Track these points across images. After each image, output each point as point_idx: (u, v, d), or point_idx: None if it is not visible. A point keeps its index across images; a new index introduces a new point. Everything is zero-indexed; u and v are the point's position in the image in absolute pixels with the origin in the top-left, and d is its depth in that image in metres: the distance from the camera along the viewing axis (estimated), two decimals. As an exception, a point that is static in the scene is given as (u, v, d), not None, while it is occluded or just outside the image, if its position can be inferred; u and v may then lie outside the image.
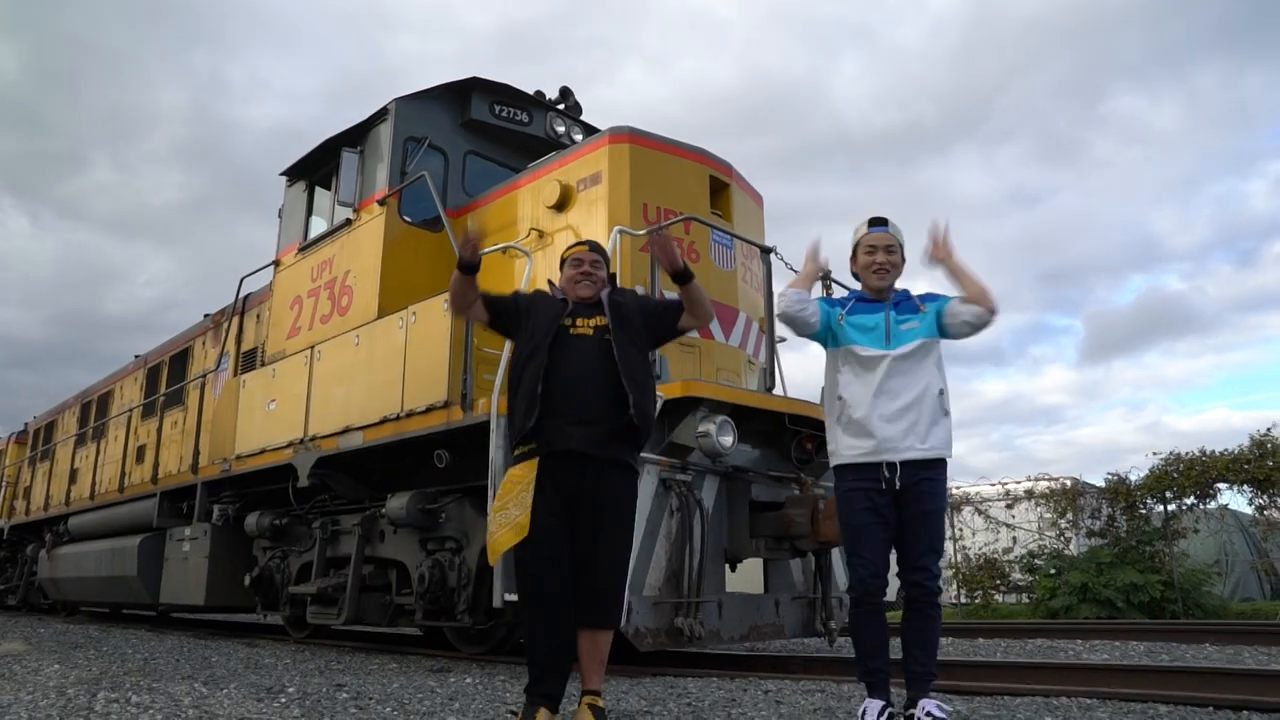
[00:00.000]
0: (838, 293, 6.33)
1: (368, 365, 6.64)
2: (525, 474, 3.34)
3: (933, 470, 3.26)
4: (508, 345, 4.49)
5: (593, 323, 3.52)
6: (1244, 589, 13.78)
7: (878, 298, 3.46)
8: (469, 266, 3.58)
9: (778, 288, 6.62)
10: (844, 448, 3.35)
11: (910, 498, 3.23)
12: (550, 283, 3.86)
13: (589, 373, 3.38)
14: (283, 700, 3.78)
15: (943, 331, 3.39)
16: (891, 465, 3.22)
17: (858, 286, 3.63)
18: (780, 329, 6.75)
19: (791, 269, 6.12)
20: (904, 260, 3.51)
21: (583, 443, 3.30)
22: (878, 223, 3.52)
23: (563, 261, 3.79)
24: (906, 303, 3.45)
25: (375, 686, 4.34)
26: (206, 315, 10.62)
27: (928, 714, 3.05)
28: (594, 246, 3.81)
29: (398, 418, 6.19)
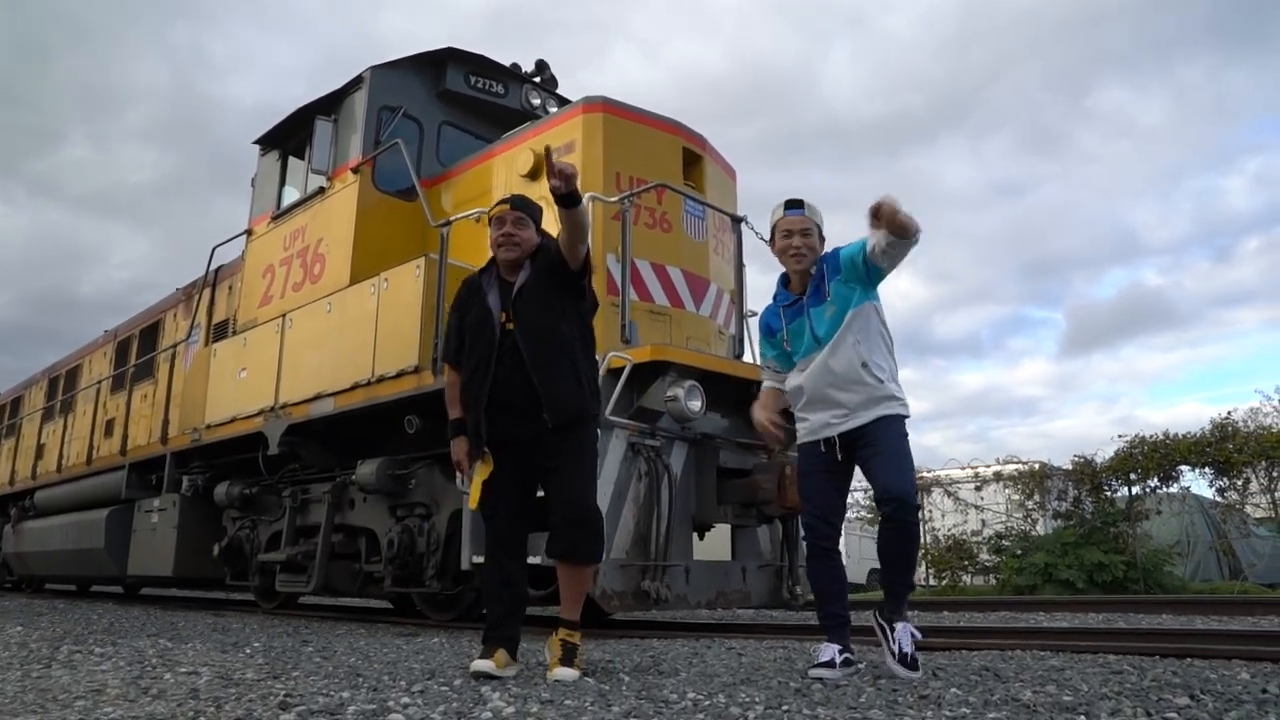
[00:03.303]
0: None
1: (339, 332, 6.62)
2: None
3: (880, 427, 3.30)
4: None
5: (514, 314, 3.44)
6: (1204, 571, 14.04)
7: (797, 286, 3.47)
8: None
9: (748, 258, 6.69)
10: (798, 424, 3.49)
11: (864, 443, 3.29)
12: (487, 266, 3.66)
13: (514, 373, 3.34)
14: (247, 652, 3.79)
15: (873, 272, 3.34)
16: (829, 441, 3.32)
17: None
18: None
19: (762, 238, 6.16)
20: (822, 240, 3.48)
21: (518, 437, 3.35)
22: (793, 205, 3.49)
23: (489, 221, 3.58)
24: (815, 292, 3.41)
25: (343, 643, 4.36)
26: (179, 289, 10.52)
27: (899, 648, 3.10)
28: (516, 202, 3.55)
29: (369, 383, 6.19)
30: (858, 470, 3.40)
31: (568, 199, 3.23)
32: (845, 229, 4.07)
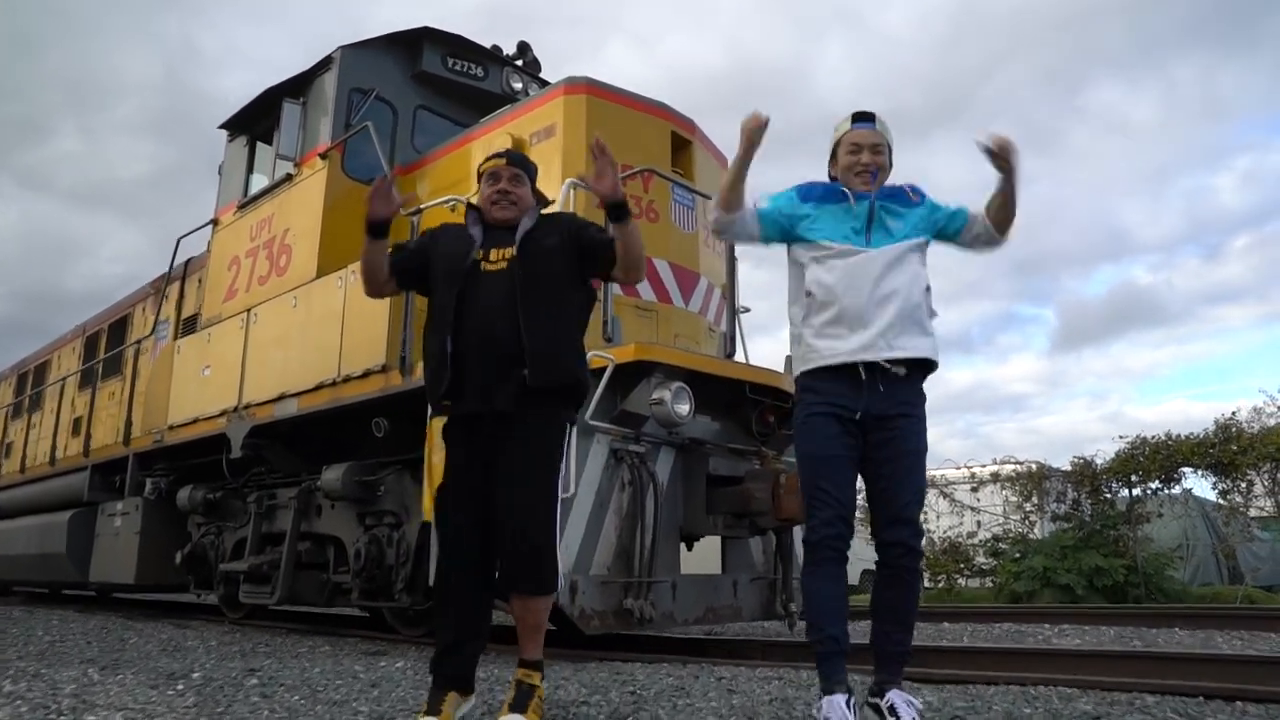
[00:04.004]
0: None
1: (304, 328, 6.22)
2: (436, 431, 3.01)
3: (911, 403, 2.80)
4: None
5: (507, 254, 2.99)
6: (1204, 574, 13.76)
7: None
8: (377, 225, 3.06)
9: (740, 252, 6.30)
10: (816, 351, 2.82)
11: (885, 436, 2.76)
12: (470, 205, 3.25)
13: (499, 318, 2.88)
14: (180, 687, 3.40)
15: (945, 234, 2.96)
16: (872, 367, 2.73)
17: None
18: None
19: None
20: (892, 165, 2.99)
21: (491, 403, 2.87)
22: (863, 118, 2.98)
23: (479, 177, 3.19)
24: (896, 194, 2.93)
25: (293, 672, 3.97)
26: (150, 281, 10.09)
27: (891, 710, 2.60)
28: (514, 158, 3.21)
29: (334, 383, 5.80)
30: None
31: (620, 210, 2.92)
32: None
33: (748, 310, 6.63)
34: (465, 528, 2.88)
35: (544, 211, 3.19)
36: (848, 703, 2.61)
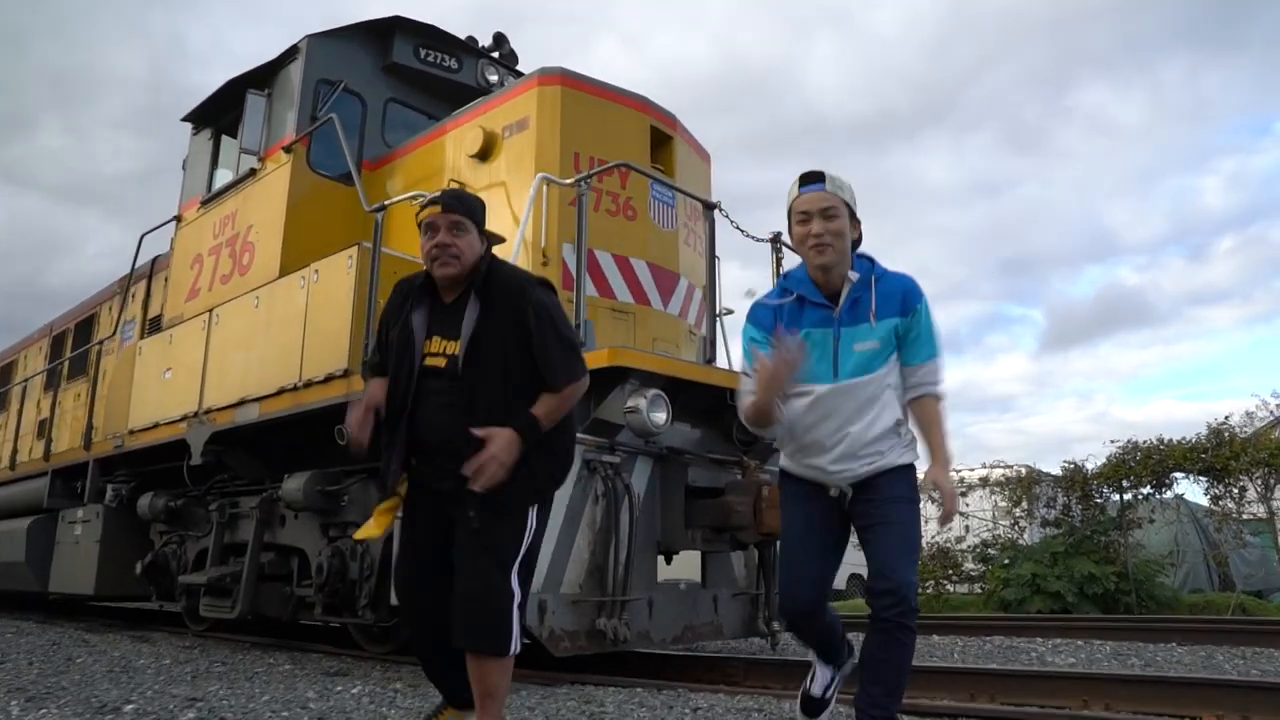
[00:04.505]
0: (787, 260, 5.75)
1: (267, 330, 5.93)
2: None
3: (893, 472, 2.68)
4: None
5: (449, 349, 2.64)
6: (1193, 580, 13.59)
7: (825, 284, 2.68)
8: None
9: (722, 250, 6.05)
10: (786, 458, 2.83)
11: (868, 493, 2.64)
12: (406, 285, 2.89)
13: (445, 429, 2.59)
14: (107, 723, 3.12)
15: (902, 355, 2.72)
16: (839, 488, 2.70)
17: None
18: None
19: (738, 228, 5.54)
20: (856, 223, 2.68)
21: (444, 484, 2.65)
22: (810, 179, 2.66)
23: (420, 227, 2.78)
24: (862, 301, 2.65)
25: (239, 700, 3.70)
26: (118, 280, 9.76)
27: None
28: (450, 202, 2.74)
29: (295, 388, 5.51)
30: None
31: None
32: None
33: (730, 312, 6.36)
34: (416, 579, 2.67)
35: (497, 255, 2.81)
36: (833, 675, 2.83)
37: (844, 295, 2.67)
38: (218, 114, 7.39)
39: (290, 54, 6.70)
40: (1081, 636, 6.55)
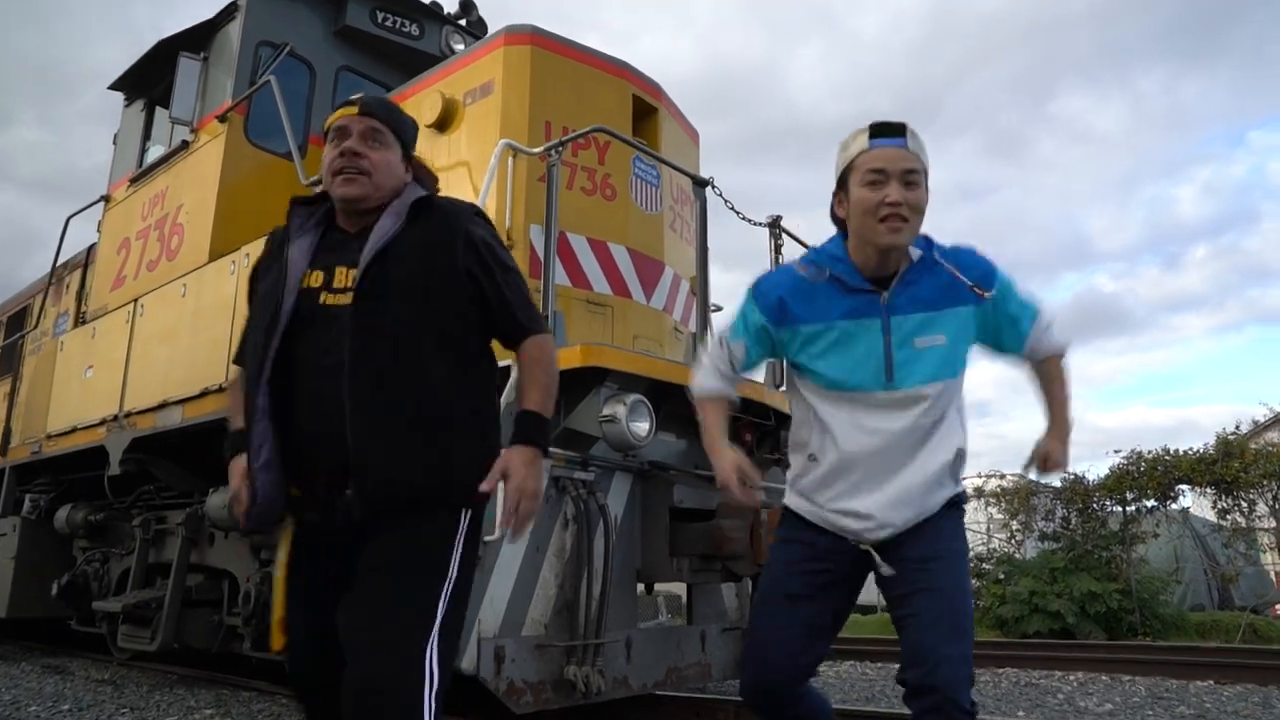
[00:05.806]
0: (790, 251, 5.08)
1: (194, 322, 5.21)
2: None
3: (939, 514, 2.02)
4: None
5: (347, 279, 1.91)
6: (1194, 595, 13.09)
7: (870, 265, 2.01)
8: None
9: (714, 236, 5.37)
10: (796, 495, 2.15)
11: (903, 549, 1.97)
12: (299, 201, 2.11)
13: (332, 399, 1.83)
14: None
15: (1001, 345, 2.08)
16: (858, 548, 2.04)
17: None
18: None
19: (733, 209, 4.85)
20: (928, 194, 2.00)
21: (334, 517, 1.91)
22: (887, 131, 1.97)
23: (325, 135, 2.07)
24: (922, 279, 2.00)
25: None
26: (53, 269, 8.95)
27: None
28: (372, 106, 2.03)
29: (220, 389, 4.78)
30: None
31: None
32: (811, 229, 2.72)
33: (720, 309, 5.68)
34: (320, 675, 1.92)
35: (426, 198, 2.05)
36: None
37: (899, 276, 1.99)
38: (151, 82, 6.61)
39: (229, 12, 5.96)
40: (1104, 670, 5.94)
